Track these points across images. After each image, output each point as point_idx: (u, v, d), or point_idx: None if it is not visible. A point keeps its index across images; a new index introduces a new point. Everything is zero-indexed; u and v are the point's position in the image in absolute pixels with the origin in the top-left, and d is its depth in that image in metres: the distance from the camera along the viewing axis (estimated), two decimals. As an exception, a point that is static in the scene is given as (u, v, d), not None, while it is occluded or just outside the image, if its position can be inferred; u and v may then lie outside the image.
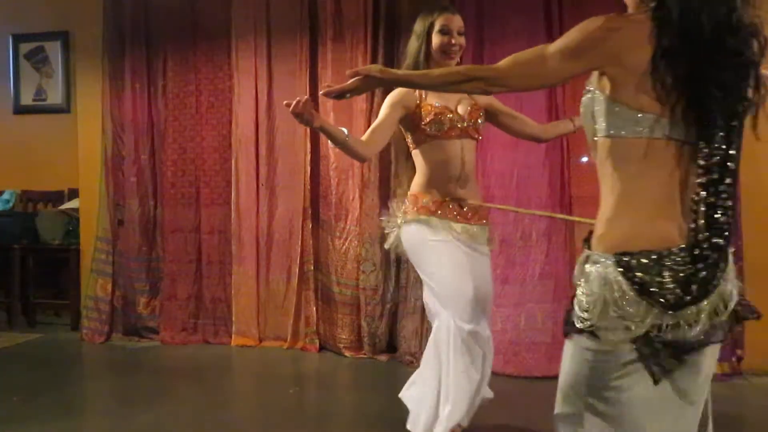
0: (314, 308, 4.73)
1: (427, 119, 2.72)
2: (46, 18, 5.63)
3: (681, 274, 1.33)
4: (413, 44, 2.81)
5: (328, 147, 4.63)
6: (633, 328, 1.35)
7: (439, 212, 2.75)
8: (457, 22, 2.77)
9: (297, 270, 4.75)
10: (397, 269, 4.54)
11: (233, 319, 4.91)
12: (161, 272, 5.07)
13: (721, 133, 1.35)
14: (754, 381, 3.96)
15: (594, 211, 1.49)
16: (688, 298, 1.32)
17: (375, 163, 4.52)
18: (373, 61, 4.56)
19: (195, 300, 5.01)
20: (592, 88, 1.46)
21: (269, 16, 4.85)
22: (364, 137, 2.72)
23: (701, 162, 1.35)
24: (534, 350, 3.99)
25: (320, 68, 4.73)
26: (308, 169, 4.72)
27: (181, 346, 4.89)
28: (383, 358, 4.49)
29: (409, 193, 2.85)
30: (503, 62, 1.53)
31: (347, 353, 4.57)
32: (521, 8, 4.25)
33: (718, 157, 1.34)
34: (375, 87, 1.98)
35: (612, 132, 1.41)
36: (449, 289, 2.69)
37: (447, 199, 2.75)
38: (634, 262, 1.35)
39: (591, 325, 1.39)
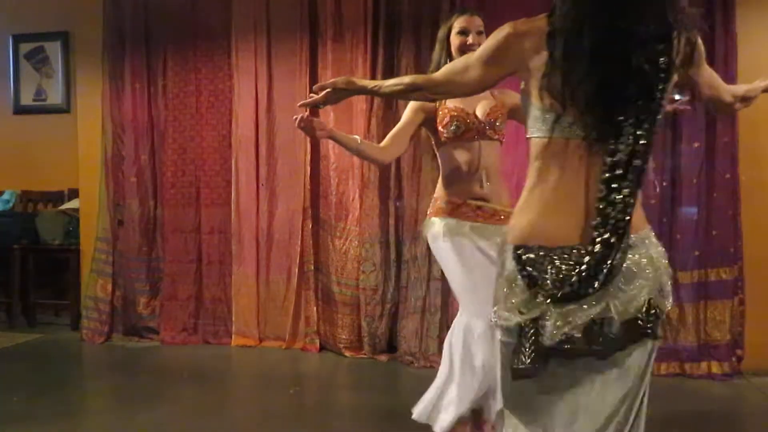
0: (314, 308, 4.73)
1: (444, 122, 2.73)
2: (46, 18, 5.63)
3: (564, 270, 1.33)
4: (436, 49, 2.84)
5: (328, 147, 4.64)
6: (520, 318, 1.37)
7: (456, 213, 2.74)
8: (475, 22, 2.77)
9: (297, 270, 4.75)
10: (397, 269, 4.54)
11: (233, 319, 4.91)
12: (161, 272, 5.07)
13: (625, 132, 1.35)
14: (754, 381, 3.96)
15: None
16: (568, 292, 1.32)
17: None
18: (373, 60, 4.57)
19: (195, 300, 5.01)
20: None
21: (269, 16, 4.85)
22: (383, 142, 2.76)
23: (605, 159, 1.36)
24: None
25: (320, 68, 4.73)
26: (308, 169, 4.72)
27: (181, 346, 4.89)
28: (383, 358, 4.50)
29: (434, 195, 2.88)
30: (440, 71, 1.69)
31: (347, 353, 4.57)
32: (521, 8, 4.23)
33: (621, 155, 1.34)
34: (344, 97, 2.06)
35: (530, 132, 1.46)
36: (460, 289, 2.72)
37: (466, 200, 2.74)
38: (527, 255, 1.38)
39: (496, 313, 1.44)
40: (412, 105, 2.81)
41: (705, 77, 1.62)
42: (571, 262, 1.34)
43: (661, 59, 1.35)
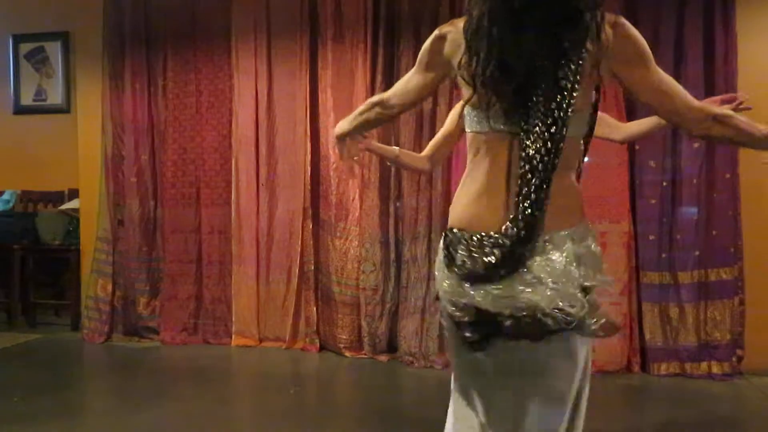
0: (314, 308, 4.73)
1: None
2: (46, 18, 5.63)
3: (474, 253, 1.42)
4: None
5: (329, 147, 4.64)
6: (441, 294, 1.50)
7: None
8: None
9: (297, 270, 4.75)
10: (397, 269, 4.54)
11: (233, 319, 4.91)
12: (161, 272, 5.07)
13: (538, 128, 1.37)
14: (754, 381, 3.96)
15: (594, 211, 1.52)
16: (475, 273, 1.41)
17: (375, 164, 4.52)
18: (373, 60, 4.57)
19: (195, 300, 5.01)
20: None
21: (269, 16, 4.85)
22: (425, 150, 2.73)
23: (521, 154, 1.40)
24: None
25: (320, 68, 4.73)
26: (308, 169, 4.72)
27: (181, 347, 4.89)
28: (383, 358, 4.49)
29: None
30: (394, 86, 1.77)
31: (347, 353, 4.57)
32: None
33: (530, 150, 1.37)
34: (346, 140, 2.09)
35: (465, 127, 1.56)
36: None
37: None
38: (449, 237, 1.50)
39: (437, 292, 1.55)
40: (452, 111, 2.77)
41: (648, 83, 1.46)
42: (482, 248, 1.41)
43: (564, 41, 1.37)
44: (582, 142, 1.52)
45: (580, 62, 1.38)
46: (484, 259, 1.40)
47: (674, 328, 4.09)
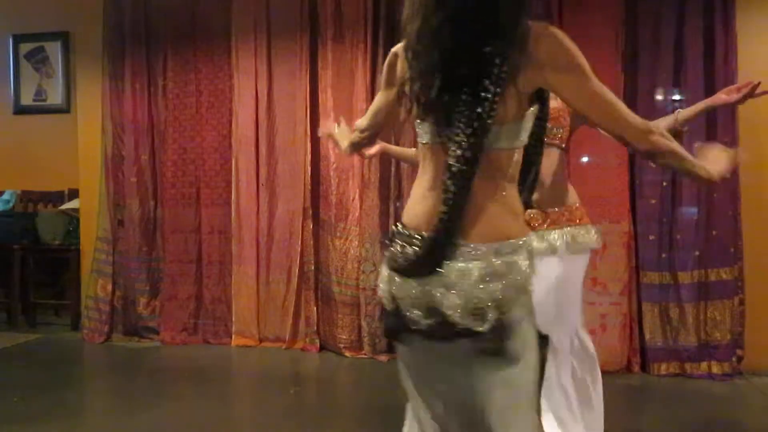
0: (314, 308, 4.73)
1: None
2: (46, 18, 5.64)
3: (400, 248, 1.49)
4: None
5: (329, 147, 4.64)
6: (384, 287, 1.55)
7: None
8: None
9: (297, 270, 4.75)
10: (397, 269, 4.53)
11: (233, 319, 4.91)
12: (161, 272, 5.07)
13: (458, 138, 1.41)
14: (754, 381, 3.96)
15: (594, 211, 1.51)
16: (400, 267, 1.49)
17: (375, 164, 4.52)
18: (373, 60, 4.57)
19: (195, 300, 5.01)
20: None
21: (269, 16, 4.85)
22: None
23: (446, 163, 1.44)
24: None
25: (320, 68, 4.73)
26: (308, 169, 4.72)
27: (181, 347, 4.89)
28: (383, 358, 4.49)
29: None
30: None
31: (347, 353, 4.57)
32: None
33: (453, 160, 1.41)
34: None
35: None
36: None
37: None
38: (392, 231, 1.58)
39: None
40: None
41: (580, 95, 1.45)
42: (410, 244, 1.48)
43: (486, 53, 1.38)
44: (517, 153, 1.50)
45: (503, 74, 1.38)
46: (408, 252, 1.47)
47: (674, 328, 4.09)
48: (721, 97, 2.40)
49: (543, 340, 1.57)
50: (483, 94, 1.38)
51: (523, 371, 1.46)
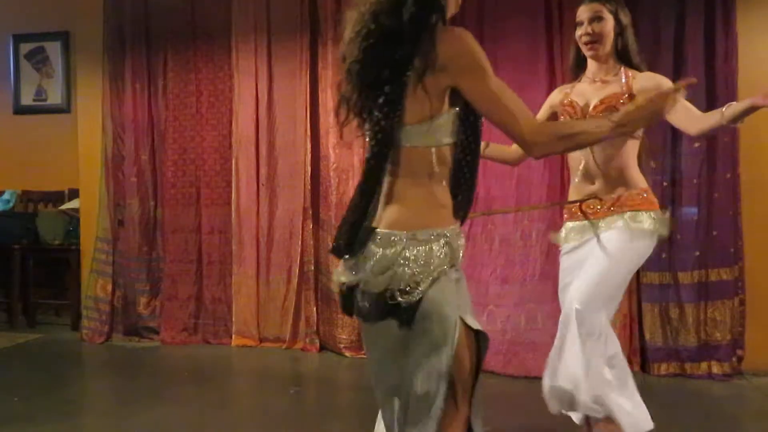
0: (314, 308, 4.73)
1: (561, 118, 2.68)
2: (46, 18, 5.64)
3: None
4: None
5: (329, 147, 4.64)
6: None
7: (569, 215, 2.71)
8: (587, 10, 2.59)
9: (297, 270, 4.75)
10: (397, 269, 4.53)
11: (233, 319, 4.91)
12: (161, 272, 5.07)
13: (370, 136, 1.57)
14: (754, 381, 3.95)
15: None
16: (333, 249, 1.67)
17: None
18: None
19: (195, 300, 5.01)
20: None
21: (269, 16, 4.85)
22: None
23: None
24: (534, 350, 3.98)
25: (320, 68, 4.73)
26: (308, 169, 4.72)
27: (181, 346, 4.89)
28: (383, 358, 4.49)
29: None
30: None
31: (347, 353, 4.57)
32: (521, 8, 4.25)
33: (367, 155, 1.59)
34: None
35: None
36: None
37: (582, 198, 2.64)
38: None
39: None
40: (547, 102, 2.79)
41: (479, 96, 1.53)
42: (338, 230, 1.65)
43: (392, 58, 1.51)
44: (436, 151, 1.56)
45: (405, 78, 1.50)
46: (336, 237, 1.65)
47: (674, 328, 4.08)
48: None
49: (478, 335, 1.62)
50: (390, 96, 1.51)
51: (441, 356, 1.53)
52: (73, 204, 5.46)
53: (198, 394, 3.90)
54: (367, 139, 1.58)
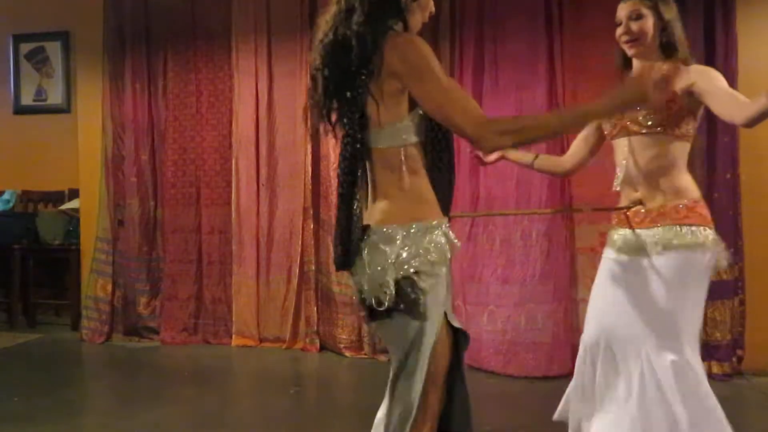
0: (314, 308, 4.73)
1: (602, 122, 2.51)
2: (46, 18, 5.64)
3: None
4: None
5: (329, 147, 4.64)
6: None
7: (615, 220, 2.47)
8: (625, 8, 2.38)
9: (297, 270, 4.75)
10: (397, 269, 4.53)
11: (233, 319, 4.91)
12: (161, 272, 5.07)
13: (343, 138, 1.66)
14: (754, 381, 3.96)
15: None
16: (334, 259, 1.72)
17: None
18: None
19: (195, 300, 5.01)
20: None
21: (269, 16, 4.85)
22: (567, 153, 2.65)
23: None
24: (534, 350, 3.99)
25: (320, 68, 4.72)
26: (308, 169, 4.72)
27: (181, 346, 4.89)
28: (383, 358, 4.49)
29: None
30: None
31: (347, 353, 4.57)
32: (521, 8, 4.25)
33: (340, 158, 1.67)
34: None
35: None
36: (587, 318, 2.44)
37: (627, 204, 2.41)
38: None
39: None
40: None
41: (423, 98, 1.59)
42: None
43: (353, 64, 1.58)
44: (408, 149, 1.63)
45: (360, 84, 1.58)
46: (334, 249, 1.71)
47: (674, 328, 4.08)
48: None
49: (459, 334, 1.69)
50: (354, 99, 1.60)
51: (426, 341, 1.63)
52: (73, 204, 5.46)
53: (198, 394, 3.90)
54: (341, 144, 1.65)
